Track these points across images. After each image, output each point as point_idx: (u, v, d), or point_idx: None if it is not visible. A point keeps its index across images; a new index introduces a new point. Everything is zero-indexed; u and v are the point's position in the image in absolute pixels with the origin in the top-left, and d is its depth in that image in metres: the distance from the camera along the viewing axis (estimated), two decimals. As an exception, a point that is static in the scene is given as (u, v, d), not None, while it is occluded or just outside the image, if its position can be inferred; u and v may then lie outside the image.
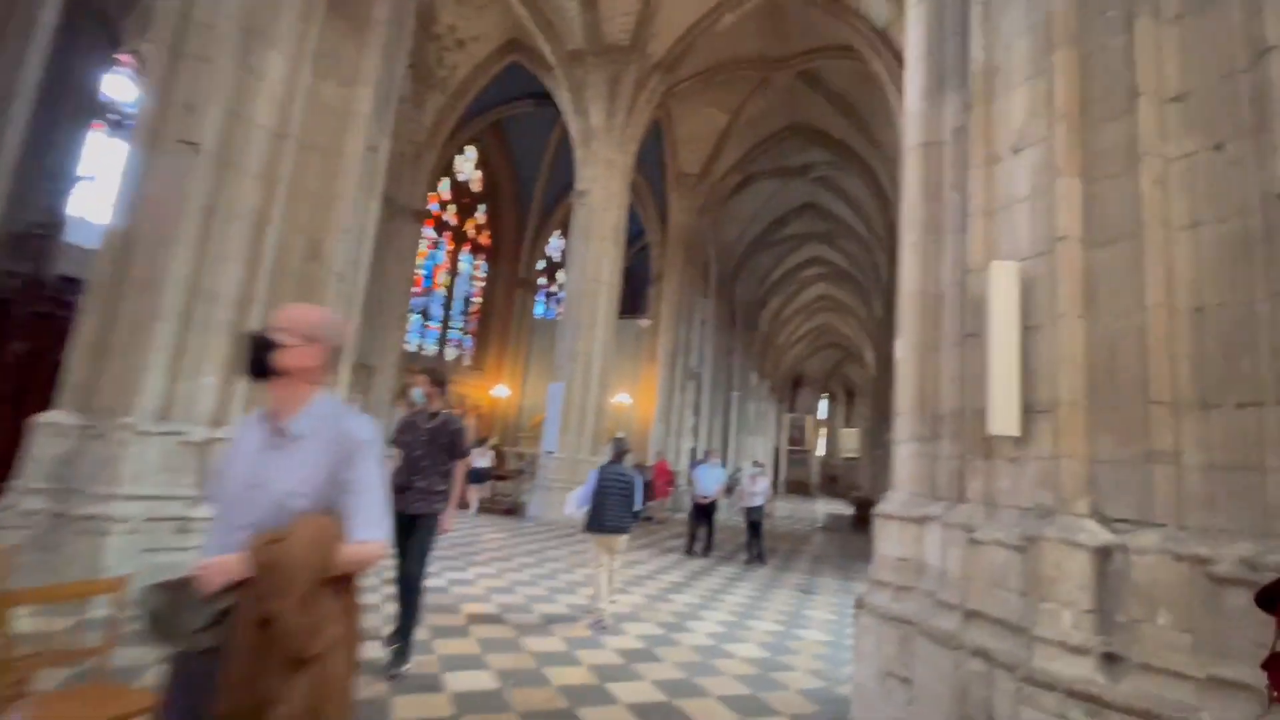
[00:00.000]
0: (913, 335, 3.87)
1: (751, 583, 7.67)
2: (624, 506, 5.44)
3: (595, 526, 5.39)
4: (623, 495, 5.44)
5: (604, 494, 5.38)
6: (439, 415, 4.08)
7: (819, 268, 29.34)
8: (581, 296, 13.09)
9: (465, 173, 20.35)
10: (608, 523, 5.36)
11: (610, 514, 5.36)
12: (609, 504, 5.37)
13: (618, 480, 5.47)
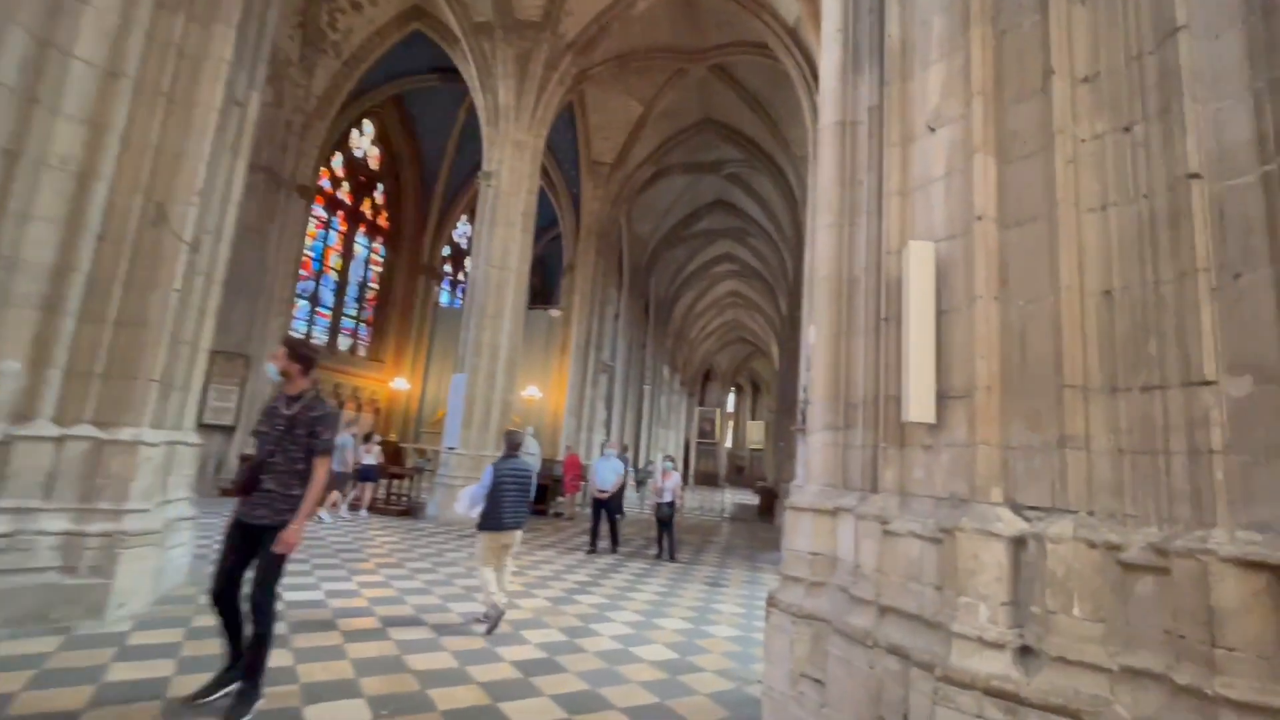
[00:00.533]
0: (827, 322, 3.73)
1: (660, 578, 7.47)
2: (522, 501, 5.25)
3: (493, 524, 5.10)
4: (521, 489, 5.26)
5: (501, 489, 5.12)
6: (300, 398, 3.34)
7: (730, 264, 29.90)
8: (487, 284, 12.41)
9: (361, 148, 18.88)
10: (505, 519, 5.12)
11: (509, 510, 5.13)
12: (507, 500, 5.13)
13: (515, 475, 5.25)
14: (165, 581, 5.07)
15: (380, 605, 5.37)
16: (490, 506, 5.07)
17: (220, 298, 6.32)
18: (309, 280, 17.04)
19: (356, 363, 19.15)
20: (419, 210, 20.93)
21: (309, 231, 16.42)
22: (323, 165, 16.68)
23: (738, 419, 52.02)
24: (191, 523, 5.65)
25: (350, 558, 7.34)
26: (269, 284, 14.12)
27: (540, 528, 11.79)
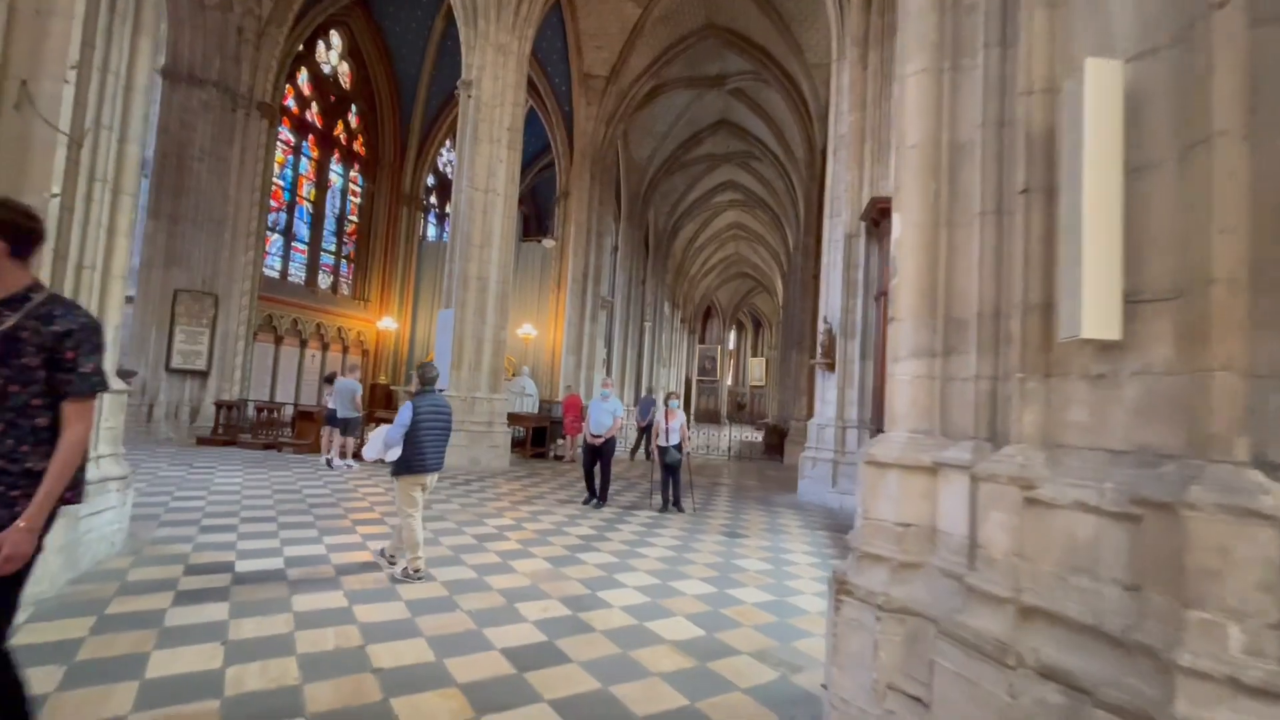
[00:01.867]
0: (918, 208, 2.69)
1: (670, 530, 6.72)
2: (444, 441, 4.88)
3: (416, 465, 4.66)
4: (443, 428, 4.85)
5: (422, 429, 4.66)
6: (24, 301, 1.83)
7: (733, 193, 28.29)
8: (472, 208, 11.19)
9: (329, 63, 17.10)
10: (430, 460, 4.72)
11: (431, 450, 4.73)
12: (429, 439, 4.71)
13: (436, 413, 4.78)
14: (86, 555, 4.23)
15: (344, 570, 4.56)
16: (410, 448, 4.62)
17: (140, 217, 5.19)
18: (280, 212, 15.70)
19: (340, 301, 18.05)
20: (398, 135, 19.29)
21: (276, 158, 14.96)
22: (287, 83, 15.04)
23: (738, 356, 51.34)
24: (123, 482, 4.77)
25: (328, 515, 6.54)
26: (233, 215, 12.86)
27: (541, 471, 11.07)
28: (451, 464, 10.55)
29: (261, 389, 14.65)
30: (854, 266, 9.67)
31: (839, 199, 10.07)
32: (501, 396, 11.55)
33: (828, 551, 6.30)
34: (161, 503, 6.51)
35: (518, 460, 12.13)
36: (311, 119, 16.51)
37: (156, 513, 6.06)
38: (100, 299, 4.70)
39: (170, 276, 12.10)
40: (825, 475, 9.48)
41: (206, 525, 5.72)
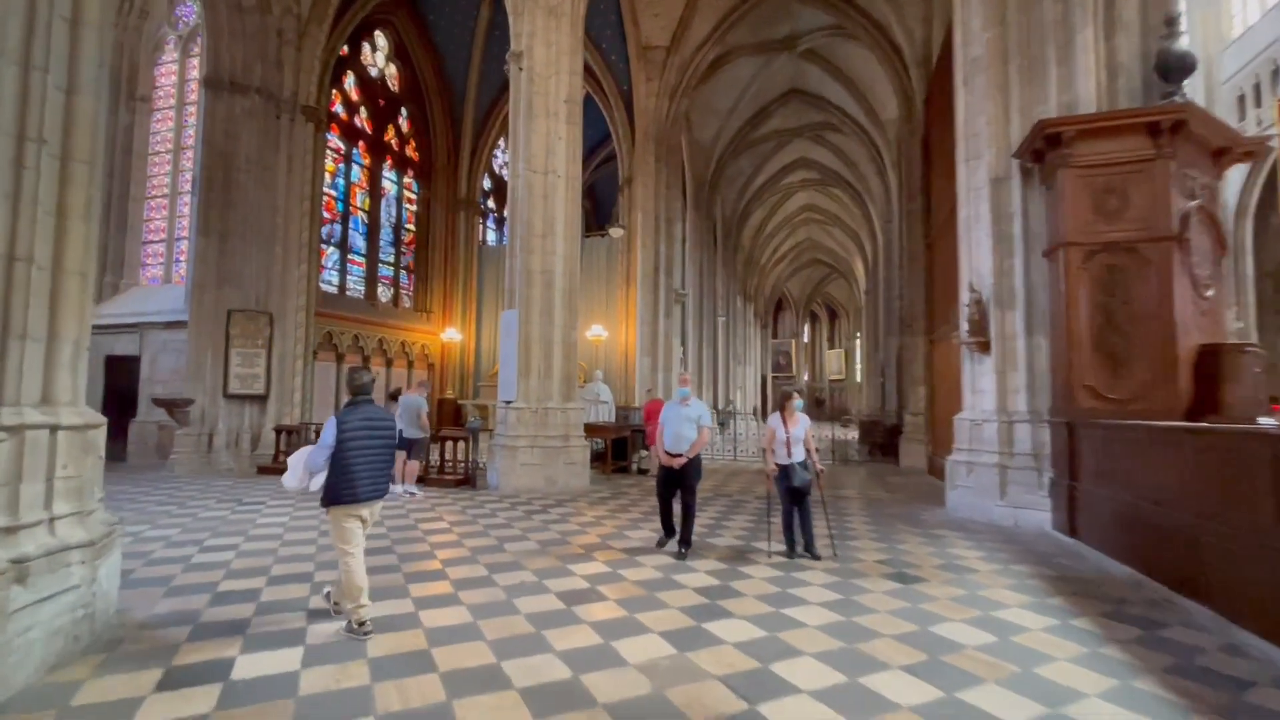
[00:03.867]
0: None
1: (814, 579, 4.97)
2: (382, 462, 3.88)
3: (346, 495, 3.71)
4: (381, 446, 3.87)
5: (351, 449, 3.70)
6: None
7: (804, 172, 26.09)
8: (530, 193, 9.82)
9: (376, 65, 16.34)
10: (362, 488, 3.73)
11: (364, 475, 3.74)
12: (360, 461, 3.72)
13: (370, 428, 3.82)
14: (25, 664, 2.96)
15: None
16: (338, 473, 3.70)
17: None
18: (334, 223, 14.97)
19: (401, 314, 17.25)
20: (450, 136, 18.40)
21: (327, 167, 14.22)
22: (334, 88, 14.30)
23: (814, 349, 48.56)
24: (90, 551, 3.51)
25: (407, 554, 5.20)
26: (283, 227, 12.07)
27: (626, 490, 9.53)
28: (526, 486, 9.20)
29: (325, 411, 13.88)
30: (1006, 217, 7.63)
31: (977, 137, 8.04)
32: (576, 406, 10.12)
33: (1052, 604, 4.40)
34: (184, 558, 5.35)
35: (598, 477, 10.66)
36: (361, 124, 15.77)
37: (171, 574, 4.88)
38: (51, 306, 3.48)
39: (223, 296, 11.39)
40: (988, 484, 7.46)
41: (224, 592, 4.45)
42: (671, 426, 5.74)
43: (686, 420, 5.69)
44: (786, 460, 5.59)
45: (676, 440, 5.68)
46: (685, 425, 5.67)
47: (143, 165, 14.26)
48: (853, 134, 20.49)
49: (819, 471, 5.73)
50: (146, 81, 14.41)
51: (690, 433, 5.65)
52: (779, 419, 5.65)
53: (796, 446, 5.63)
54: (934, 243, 12.28)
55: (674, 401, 5.90)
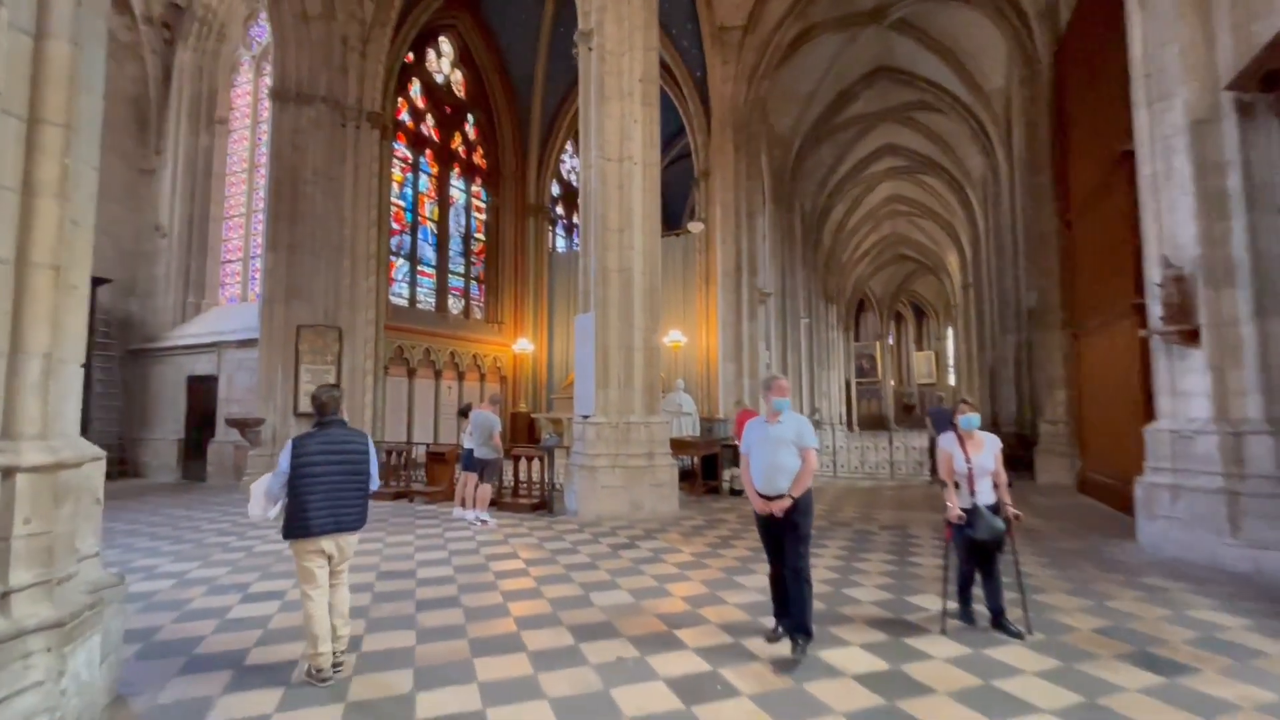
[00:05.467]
0: None
1: (1027, 669, 3.54)
2: (347, 491, 3.41)
3: (299, 529, 3.30)
4: (344, 474, 3.41)
5: (306, 477, 3.30)
6: None
7: (891, 159, 24.08)
8: (605, 184, 8.81)
9: (442, 72, 15.97)
10: (314, 520, 3.29)
11: (320, 505, 3.30)
12: (317, 490, 3.30)
13: (331, 454, 3.39)
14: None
15: None
16: (294, 503, 3.33)
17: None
18: (404, 234, 14.59)
19: (473, 326, 16.72)
20: (517, 142, 17.85)
21: (394, 176, 13.84)
22: (399, 96, 13.94)
23: (899, 352, 45.49)
24: (58, 635, 2.64)
25: (475, 611, 4.20)
26: (350, 238, 11.64)
27: (722, 516, 8.25)
28: (608, 511, 8.11)
29: (397, 427, 13.40)
30: (1216, 169, 5.90)
31: (1163, 73, 6.34)
32: (661, 420, 8.98)
33: None
34: (222, 610, 4.55)
35: (687, 499, 9.44)
36: (428, 132, 15.39)
37: (200, 634, 4.05)
38: (13, 310, 2.65)
39: (292, 311, 11.03)
40: (1207, 514, 5.71)
41: (252, 667, 3.55)
42: (762, 456, 3.76)
43: (782, 444, 3.71)
44: (969, 502, 4.04)
45: (772, 475, 3.70)
46: (782, 451, 3.70)
47: (221, 186, 14.38)
48: (950, 111, 18.50)
49: (1014, 517, 4.04)
50: (224, 104, 14.56)
51: (790, 460, 3.69)
52: (954, 440, 4.16)
53: (982, 482, 4.03)
54: (1074, 220, 10.38)
55: (760, 420, 3.92)
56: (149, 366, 13.53)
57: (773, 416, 3.84)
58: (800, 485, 3.68)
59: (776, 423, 3.81)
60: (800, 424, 3.82)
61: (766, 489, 3.74)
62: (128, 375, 13.50)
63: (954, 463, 4.10)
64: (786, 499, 3.66)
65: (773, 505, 3.69)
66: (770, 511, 3.70)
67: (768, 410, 3.87)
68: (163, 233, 13.87)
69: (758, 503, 3.79)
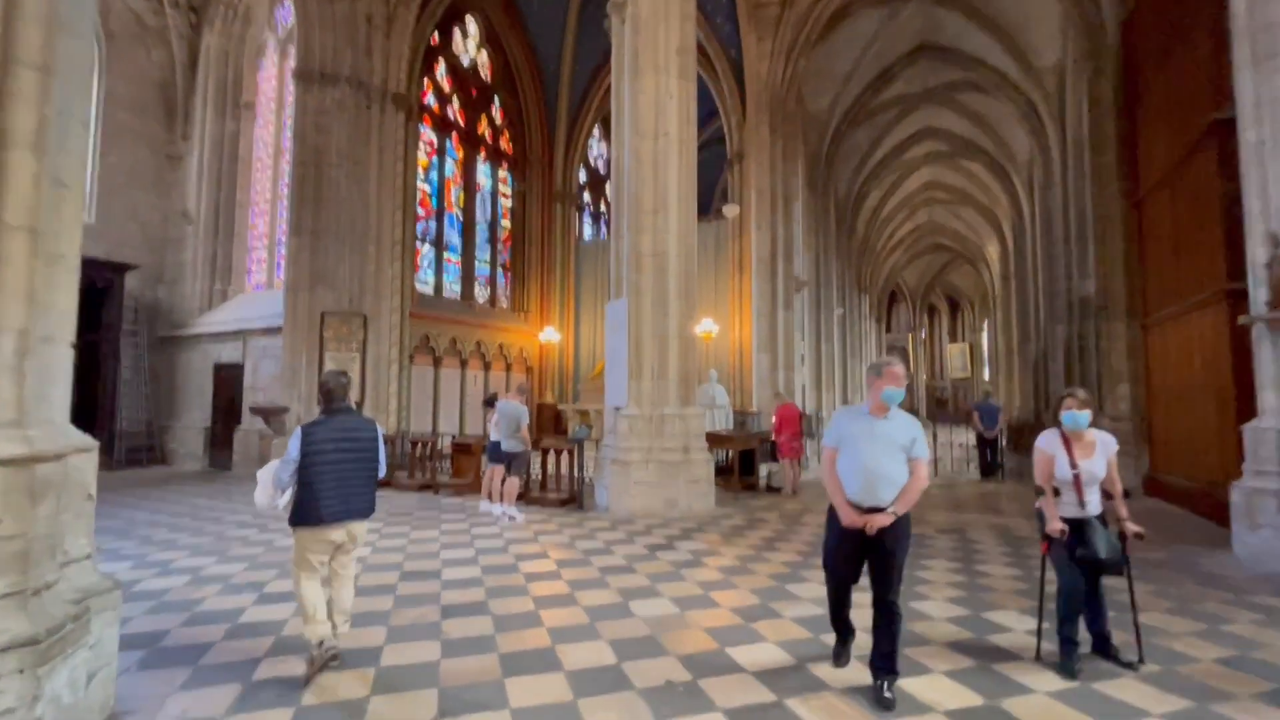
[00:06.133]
0: None
1: (1154, 711, 3.01)
2: (358, 479, 3.37)
3: (310, 515, 3.24)
4: (355, 462, 3.37)
5: (316, 464, 3.23)
6: None
7: (930, 143, 23.11)
8: (639, 162, 8.34)
9: (468, 53, 15.60)
10: (327, 508, 3.24)
11: (331, 493, 3.25)
12: (327, 479, 3.24)
13: (341, 441, 3.34)
14: None
15: None
16: (304, 491, 3.24)
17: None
18: (429, 219, 14.29)
19: (499, 315, 16.42)
20: (544, 126, 17.43)
21: (419, 160, 13.52)
22: (425, 77, 13.60)
23: (932, 344, 44.25)
24: (32, 654, 2.28)
25: (509, 618, 3.81)
26: (375, 223, 11.35)
27: (763, 516, 7.76)
28: (641, 508, 7.69)
29: (423, 417, 13.16)
30: (1338, 134, 5.19)
31: (1274, 29, 5.63)
32: (696, 412, 8.51)
33: None
34: (235, 612, 4.23)
35: (724, 496, 8.96)
36: (454, 116, 15.05)
37: (210, 639, 3.72)
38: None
39: (316, 298, 10.79)
40: (1322, 526, 5.06)
41: (262, 682, 3.19)
42: (863, 457, 3.04)
43: (892, 447, 3.04)
44: (1077, 513, 3.41)
45: (873, 483, 3.02)
46: (888, 457, 3.03)
47: (247, 172, 14.23)
48: (996, 91, 17.53)
49: (1135, 535, 3.36)
50: (250, 88, 14.38)
51: (898, 470, 3.03)
52: (1057, 440, 3.53)
53: (1092, 490, 3.43)
54: (1145, 201, 9.60)
55: (859, 411, 3.22)
56: (176, 354, 13.47)
57: (880, 409, 3.11)
58: (908, 501, 3.02)
59: (884, 418, 3.11)
60: (914, 427, 3.15)
61: (864, 498, 3.04)
62: (156, 362, 13.46)
63: (1055, 467, 3.51)
64: (888, 515, 2.96)
65: (873, 520, 2.96)
66: (869, 526, 2.96)
67: (872, 400, 3.15)
68: (190, 219, 13.78)
69: (847, 513, 3.05)
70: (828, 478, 3.21)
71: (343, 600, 3.44)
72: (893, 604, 3.03)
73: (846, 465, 3.12)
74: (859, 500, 3.06)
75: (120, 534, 6.61)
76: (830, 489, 3.17)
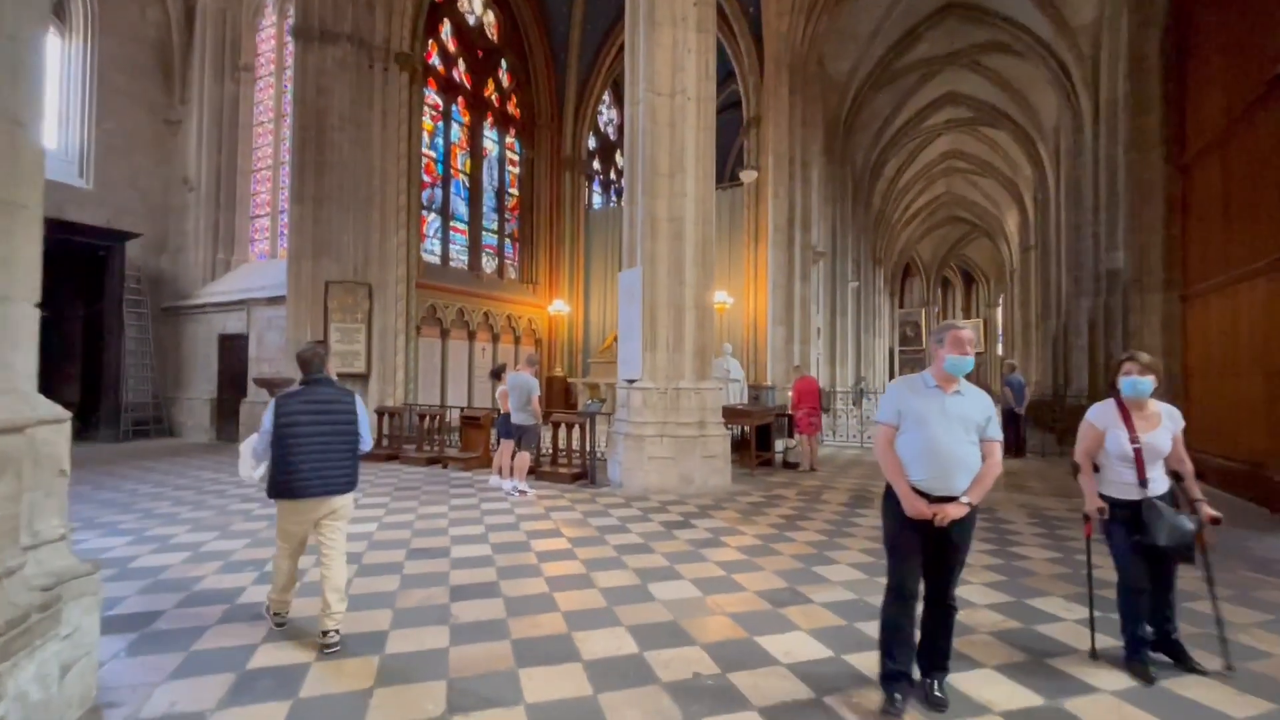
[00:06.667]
0: None
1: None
2: (333, 451, 3.26)
3: (284, 488, 3.18)
4: (332, 434, 3.26)
5: (294, 435, 3.16)
6: None
7: (952, 109, 22.29)
8: (655, 122, 7.89)
9: (474, 11, 14.98)
10: (299, 481, 3.16)
11: (307, 465, 3.16)
12: (302, 450, 3.16)
13: (317, 413, 3.24)
14: None
15: None
16: (279, 464, 3.18)
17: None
18: (435, 187, 13.87)
19: (507, 286, 16.08)
20: (552, 90, 16.84)
21: (425, 125, 13.05)
22: (429, 38, 13.05)
23: (944, 319, 43.60)
24: None
25: (520, 601, 3.57)
26: (380, 189, 10.97)
27: (781, 492, 7.50)
28: (655, 484, 7.44)
29: (431, 390, 12.93)
30: None
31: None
32: (713, 386, 8.20)
33: None
34: (234, 592, 4.01)
35: (740, 472, 8.70)
36: (459, 78, 14.51)
37: (204, 623, 3.50)
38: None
39: (320, 267, 10.48)
40: (1390, 510, 4.71)
41: (257, 670, 2.96)
42: (934, 437, 2.58)
43: (966, 427, 2.60)
44: (1136, 494, 3.02)
45: (948, 468, 2.56)
46: (963, 437, 2.59)
47: (249, 137, 13.82)
48: (1028, 52, 16.72)
49: (1210, 519, 2.96)
50: (249, 49, 13.89)
51: (972, 453, 2.60)
52: (1113, 411, 3.13)
53: (1155, 467, 3.04)
54: (1193, 164, 9.06)
55: (920, 382, 2.72)
56: (181, 325, 13.26)
57: (947, 382, 2.64)
58: (982, 489, 2.60)
59: (953, 393, 2.63)
60: (986, 403, 2.69)
61: (934, 485, 2.56)
62: (161, 334, 13.26)
63: (1110, 440, 3.12)
64: (961, 505, 2.53)
65: (942, 511, 2.51)
66: (941, 517, 2.51)
67: (936, 371, 2.68)
68: (191, 185, 13.43)
69: (914, 502, 2.55)
70: (886, 459, 2.70)
71: (334, 577, 3.27)
72: (952, 603, 2.70)
73: (910, 446, 2.63)
74: (928, 487, 2.58)
75: (123, 507, 6.44)
76: (890, 472, 2.67)
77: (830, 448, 11.80)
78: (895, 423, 2.71)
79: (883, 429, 2.76)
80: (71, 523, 5.61)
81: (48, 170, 2.58)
